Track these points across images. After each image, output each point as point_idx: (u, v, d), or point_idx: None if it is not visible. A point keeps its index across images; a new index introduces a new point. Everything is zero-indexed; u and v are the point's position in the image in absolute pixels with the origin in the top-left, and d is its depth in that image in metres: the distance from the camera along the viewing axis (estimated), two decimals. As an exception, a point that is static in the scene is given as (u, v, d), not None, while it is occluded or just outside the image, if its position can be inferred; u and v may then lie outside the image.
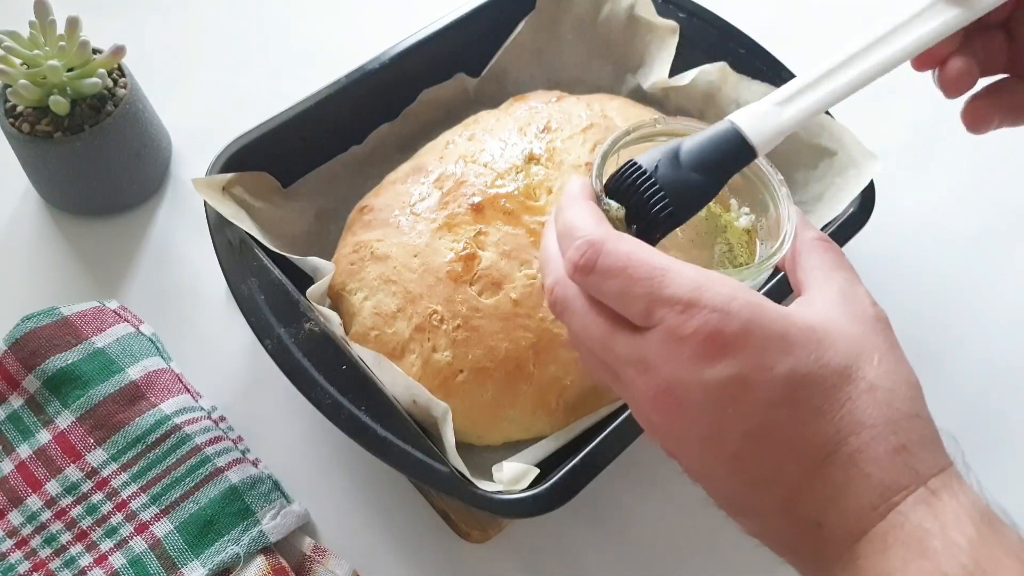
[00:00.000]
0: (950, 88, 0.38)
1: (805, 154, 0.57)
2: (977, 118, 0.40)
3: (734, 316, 0.29)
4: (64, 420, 0.50)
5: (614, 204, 0.35)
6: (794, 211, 0.37)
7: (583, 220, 0.33)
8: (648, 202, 0.34)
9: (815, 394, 0.29)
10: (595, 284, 0.32)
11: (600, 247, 0.31)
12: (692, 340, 0.29)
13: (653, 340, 0.30)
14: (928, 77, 0.40)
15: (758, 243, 0.39)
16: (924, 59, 0.39)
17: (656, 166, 0.34)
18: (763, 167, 0.38)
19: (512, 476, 0.44)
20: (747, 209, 0.40)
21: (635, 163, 0.35)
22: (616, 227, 0.34)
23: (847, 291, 0.33)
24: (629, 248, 0.31)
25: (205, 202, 0.51)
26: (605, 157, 0.37)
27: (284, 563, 0.47)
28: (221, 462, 0.49)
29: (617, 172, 0.35)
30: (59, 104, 0.55)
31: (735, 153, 0.35)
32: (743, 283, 0.32)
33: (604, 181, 0.36)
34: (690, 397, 0.30)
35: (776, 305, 0.30)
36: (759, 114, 0.35)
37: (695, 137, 0.35)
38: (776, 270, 0.38)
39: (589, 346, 0.33)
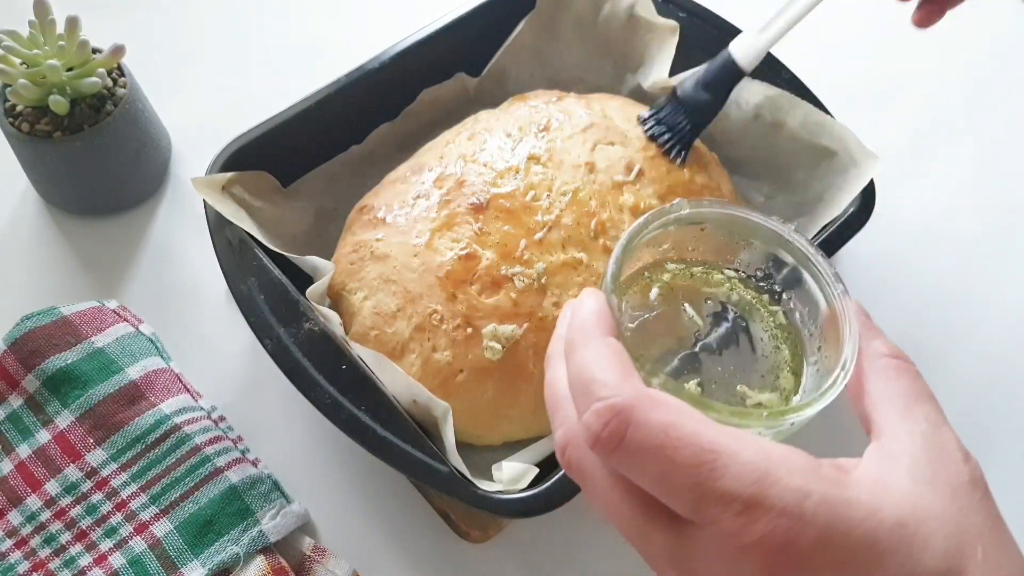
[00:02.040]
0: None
1: (806, 154, 0.57)
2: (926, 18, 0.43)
3: (809, 522, 0.23)
4: (64, 420, 0.50)
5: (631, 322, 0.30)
6: (852, 311, 0.30)
7: (603, 371, 0.26)
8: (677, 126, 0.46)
9: None
10: (623, 463, 0.26)
11: (630, 415, 0.25)
12: (757, 552, 0.23)
13: (703, 542, 0.25)
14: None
15: (807, 344, 0.33)
16: None
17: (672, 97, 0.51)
18: (804, 247, 0.32)
19: (512, 476, 0.44)
20: (788, 299, 0.33)
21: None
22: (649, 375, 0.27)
23: (933, 441, 0.27)
24: (668, 419, 0.25)
25: (205, 201, 0.51)
26: (620, 262, 0.31)
27: (284, 563, 0.46)
28: (221, 462, 0.49)
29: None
30: (59, 104, 0.55)
31: (732, 75, 0.52)
32: (797, 423, 0.27)
33: (621, 293, 0.31)
34: None
35: (860, 494, 0.24)
36: (746, 41, 0.52)
37: (700, 68, 0.51)
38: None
39: (619, 529, 0.27)
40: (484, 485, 0.44)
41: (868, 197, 0.53)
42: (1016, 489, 0.52)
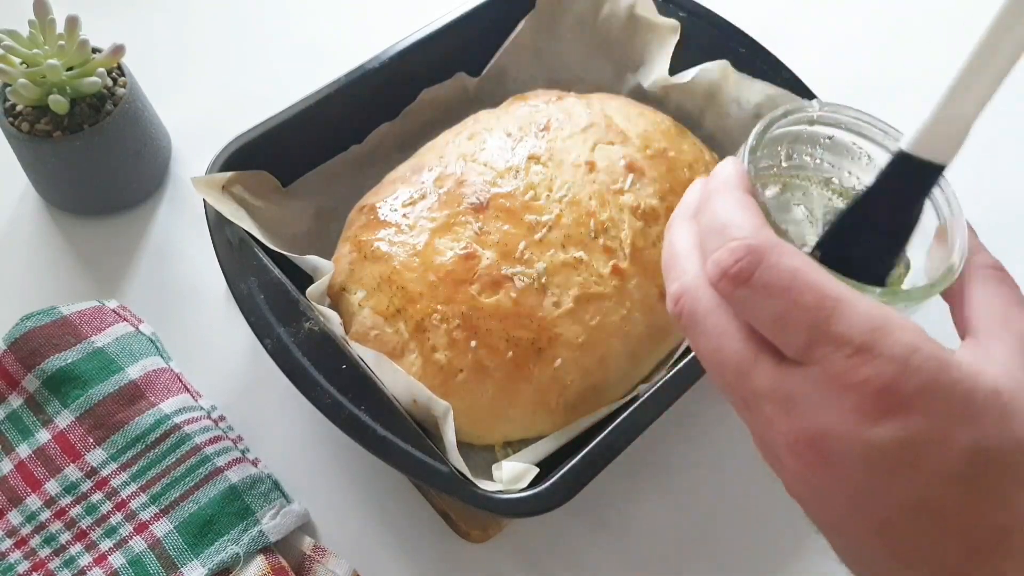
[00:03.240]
0: None
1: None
2: None
3: (914, 372, 0.25)
4: (63, 420, 0.50)
5: (768, 199, 0.29)
6: (965, 224, 0.31)
7: (741, 217, 0.28)
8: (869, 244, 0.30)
9: (997, 472, 0.25)
10: (746, 300, 0.27)
11: (762, 256, 0.26)
12: (860, 391, 0.25)
13: (808, 379, 0.26)
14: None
15: (911, 256, 0.33)
16: None
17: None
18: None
19: (512, 476, 0.44)
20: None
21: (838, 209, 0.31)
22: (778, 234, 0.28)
23: None
24: (797, 264, 0.26)
25: (205, 201, 0.51)
26: (761, 138, 0.31)
27: (284, 563, 0.46)
28: (221, 462, 0.49)
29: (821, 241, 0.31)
30: (58, 103, 0.55)
31: (927, 177, 0.31)
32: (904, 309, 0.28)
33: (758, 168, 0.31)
34: (845, 453, 0.26)
35: (962, 360, 0.26)
36: (930, 130, 0.31)
37: (880, 177, 0.31)
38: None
39: (720, 371, 0.29)
40: (484, 485, 0.44)
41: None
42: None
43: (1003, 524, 0.25)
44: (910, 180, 0.31)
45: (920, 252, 0.33)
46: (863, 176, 0.35)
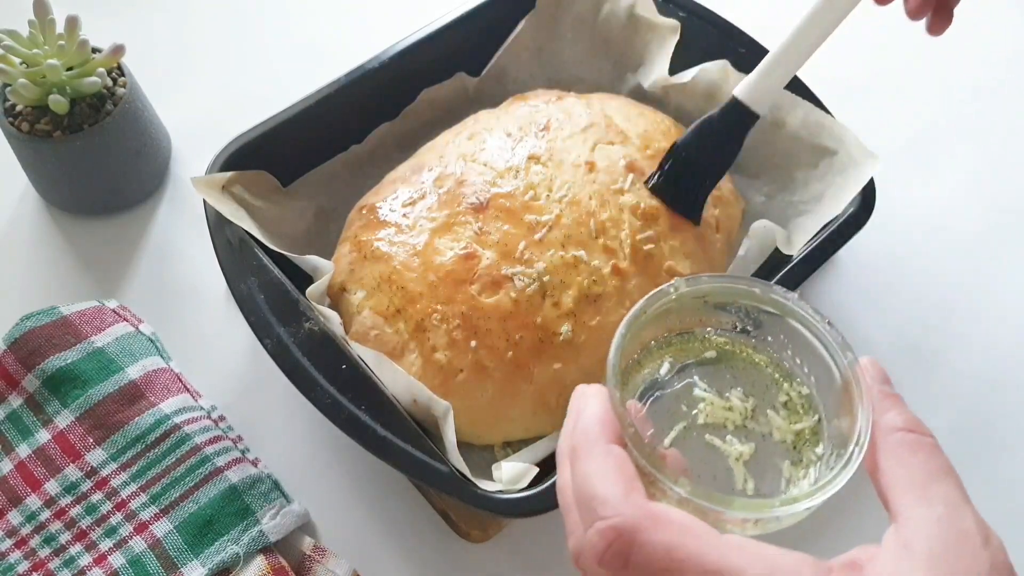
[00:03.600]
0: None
1: (806, 153, 0.57)
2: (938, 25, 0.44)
3: None
4: (63, 419, 0.50)
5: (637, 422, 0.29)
6: (864, 381, 0.29)
7: (604, 486, 0.27)
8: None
9: None
10: None
11: (631, 538, 0.25)
12: None
13: None
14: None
15: (817, 419, 0.32)
16: None
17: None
18: (809, 314, 0.31)
19: (512, 475, 0.44)
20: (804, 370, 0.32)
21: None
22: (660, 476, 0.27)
23: (951, 528, 0.26)
24: (670, 540, 0.25)
25: (205, 201, 0.51)
26: (620, 352, 0.30)
27: (284, 563, 0.46)
28: (221, 462, 0.49)
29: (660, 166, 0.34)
30: (58, 103, 0.55)
31: (741, 118, 0.47)
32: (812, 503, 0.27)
33: (624, 385, 0.31)
34: None
35: None
36: (751, 83, 0.46)
37: (716, 115, 0.46)
38: None
39: None
40: (484, 485, 0.44)
41: (868, 197, 0.53)
42: (1016, 489, 0.52)
43: None
44: (733, 121, 0.48)
45: (830, 417, 0.31)
46: (742, 323, 0.34)
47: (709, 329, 0.34)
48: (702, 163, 0.52)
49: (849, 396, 0.30)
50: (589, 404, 0.29)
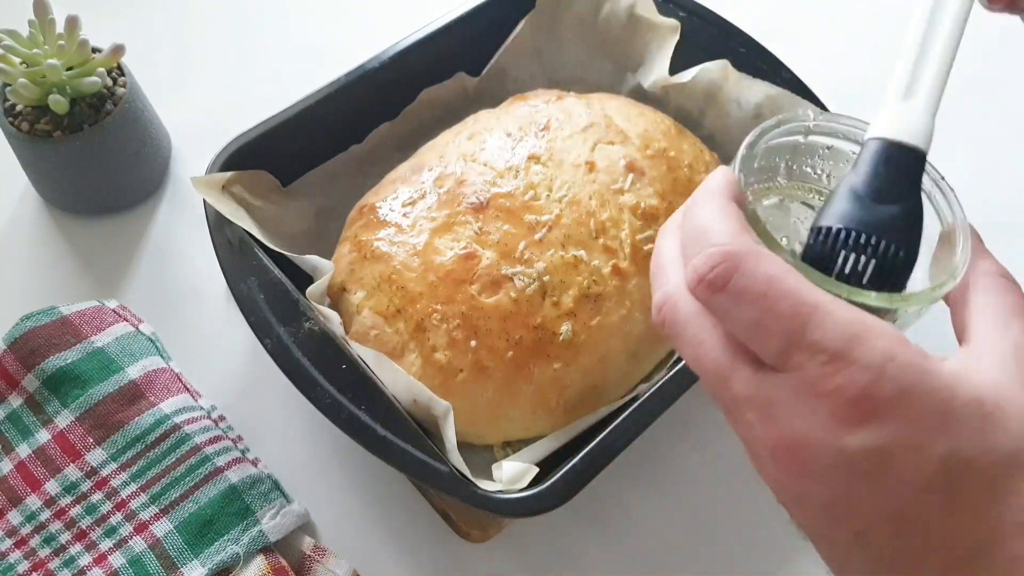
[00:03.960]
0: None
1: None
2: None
3: (889, 380, 0.25)
4: (63, 419, 0.50)
5: (763, 208, 0.29)
6: (969, 229, 0.31)
7: (720, 224, 0.28)
8: (878, 252, 0.29)
9: (974, 483, 0.25)
10: (722, 306, 0.27)
11: (738, 263, 0.26)
12: (834, 398, 0.25)
13: (784, 386, 0.26)
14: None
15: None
16: None
17: (847, 220, 0.29)
18: (932, 169, 0.32)
19: (512, 475, 0.44)
20: None
21: (827, 228, 0.29)
22: (769, 246, 0.28)
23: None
24: (774, 271, 0.26)
25: (205, 201, 0.51)
26: (752, 148, 0.31)
27: (284, 563, 0.46)
28: (221, 461, 0.49)
29: (810, 244, 0.29)
30: (58, 103, 0.55)
31: (909, 163, 0.30)
32: (903, 319, 0.28)
33: (750, 179, 0.30)
34: (819, 460, 0.25)
35: (943, 367, 0.26)
36: (894, 117, 0.31)
37: (857, 172, 0.30)
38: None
39: (703, 377, 0.29)
40: (484, 485, 0.44)
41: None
42: None
43: (980, 537, 0.25)
44: (906, 164, 0.30)
45: (924, 258, 0.32)
46: None
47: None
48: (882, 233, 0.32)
49: (950, 239, 0.31)
50: (715, 174, 0.30)
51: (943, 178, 0.32)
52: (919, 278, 0.32)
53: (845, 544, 0.27)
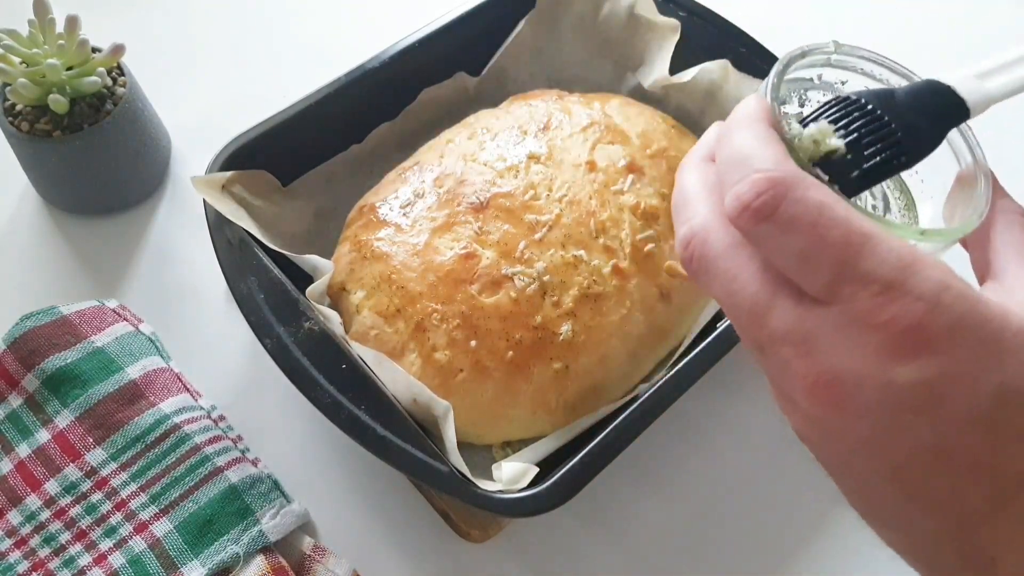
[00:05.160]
0: None
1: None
2: None
3: (945, 310, 0.24)
4: (63, 419, 0.50)
5: (805, 131, 0.28)
6: (989, 170, 0.31)
7: (763, 150, 0.26)
8: (876, 143, 0.28)
9: (1023, 416, 0.24)
10: (768, 236, 0.25)
11: (787, 189, 0.25)
12: (887, 330, 0.24)
13: (831, 318, 0.25)
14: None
15: (918, 199, 0.32)
16: None
17: (876, 104, 0.29)
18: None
19: (512, 475, 0.44)
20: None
21: (851, 96, 0.29)
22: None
23: None
24: (824, 198, 0.25)
25: (204, 201, 0.51)
26: (782, 76, 0.30)
27: (284, 563, 0.46)
28: (220, 461, 0.49)
29: (828, 104, 0.29)
30: (58, 103, 0.55)
31: (953, 109, 0.31)
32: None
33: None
34: (863, 394, 0.24)
35: (991, 298, 0.25)
36: (964, 80, 0.31)
37: (908, 87, 0.31)
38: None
39: (735, 314, 0.27)
40: (484, 485, 0.44)
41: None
42: None
43: None
44: (940, 106, 0.31)
45: (933, 199, 0.33)
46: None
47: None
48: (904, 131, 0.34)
49: (969, 179, 0.31)
50: (746, 102, 0.29)
51: (970, 128, 0.32)
52: (931, 216, 0.32)
53: (878, 480, 0.26)
